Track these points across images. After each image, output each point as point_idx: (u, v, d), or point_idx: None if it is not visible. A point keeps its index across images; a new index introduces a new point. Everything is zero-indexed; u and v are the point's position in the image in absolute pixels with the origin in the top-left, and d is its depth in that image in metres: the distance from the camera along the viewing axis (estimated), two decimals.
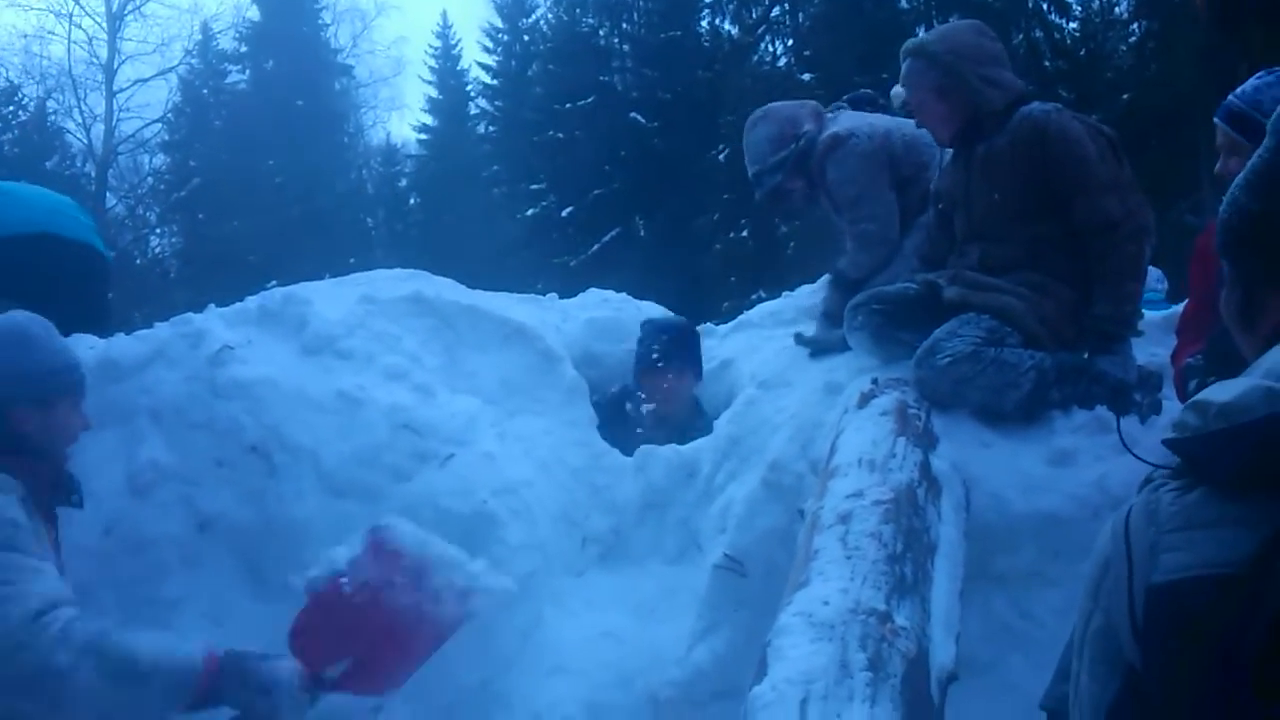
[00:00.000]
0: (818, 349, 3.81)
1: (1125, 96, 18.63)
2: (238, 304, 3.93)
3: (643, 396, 4.29)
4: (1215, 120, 2.82)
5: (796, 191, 4.23)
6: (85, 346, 3.55)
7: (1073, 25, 21.64)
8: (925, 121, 3.69)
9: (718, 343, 4.64)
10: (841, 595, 2.12)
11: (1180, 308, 3.36)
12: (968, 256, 3.53)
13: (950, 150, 3.70)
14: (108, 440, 3.32)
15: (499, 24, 30.10)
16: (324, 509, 3.28)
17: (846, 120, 4.19)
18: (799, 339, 3.91)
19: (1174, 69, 16.80)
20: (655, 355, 4.26)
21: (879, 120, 4.20)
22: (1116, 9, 22.32)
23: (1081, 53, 20.97)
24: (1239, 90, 2.80)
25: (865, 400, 3.12)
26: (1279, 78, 2.77)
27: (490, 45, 30.14)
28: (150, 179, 28.14)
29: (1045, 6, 21.24)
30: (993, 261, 3.47)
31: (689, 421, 4.21)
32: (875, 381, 3.25)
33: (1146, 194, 3.53)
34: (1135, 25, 21.73)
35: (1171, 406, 3.11)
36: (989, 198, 3.49)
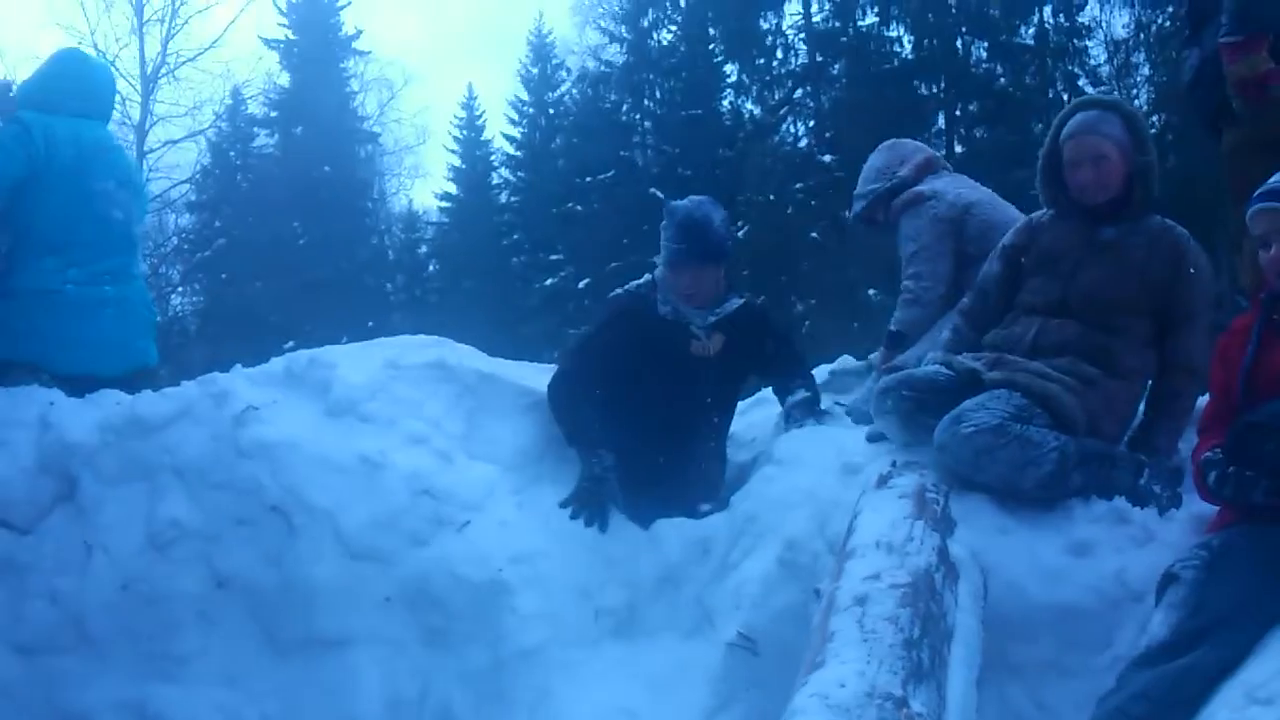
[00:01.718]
0: (857, 419, 3.88)
1: None
2: (263, 365, 3.97)
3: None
4: (1267, 205, 2.80)
5: (878, 224, 4.53)
6: (112, 402, 3.59)
7: None
8: (1097, 175, 3.51)
9: (735, 419, 4.64)
10: (858, 679, 2.11)
11: (1203, 402, 3.36)
12: (1018, 329, 3.52)
13: (1048, 213, 3.67)
14: (130, 496, 3.36)
15: (525, 97, 30.56)
16: (341, 571, 3.30)
17: (941, 182, 4.39)
18: (852, 415, 3.96)
19: (1193, 163, 16.91)
20: (678, 247, 4.13)
21: (971, 193, 4.32)
22: (1136, 101, 22.56)
23: None
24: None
25: (883, 482, 3.11)
26: None
27: (515, 117, 30.58)
28: (175, 238, 28.41)
29: (1066, 98, 21.46)
30: (1047, 342, 3.46)
31: (720, 300, 4.18)
32: (894, 463, 3.25)
33: None
34: (1155, 118, 21.95)
35: (1191, 500, 3.10)
36: (1108, 281, 3.46)
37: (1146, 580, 2.80)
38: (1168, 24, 21.26)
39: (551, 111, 30.28)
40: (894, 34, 23.61)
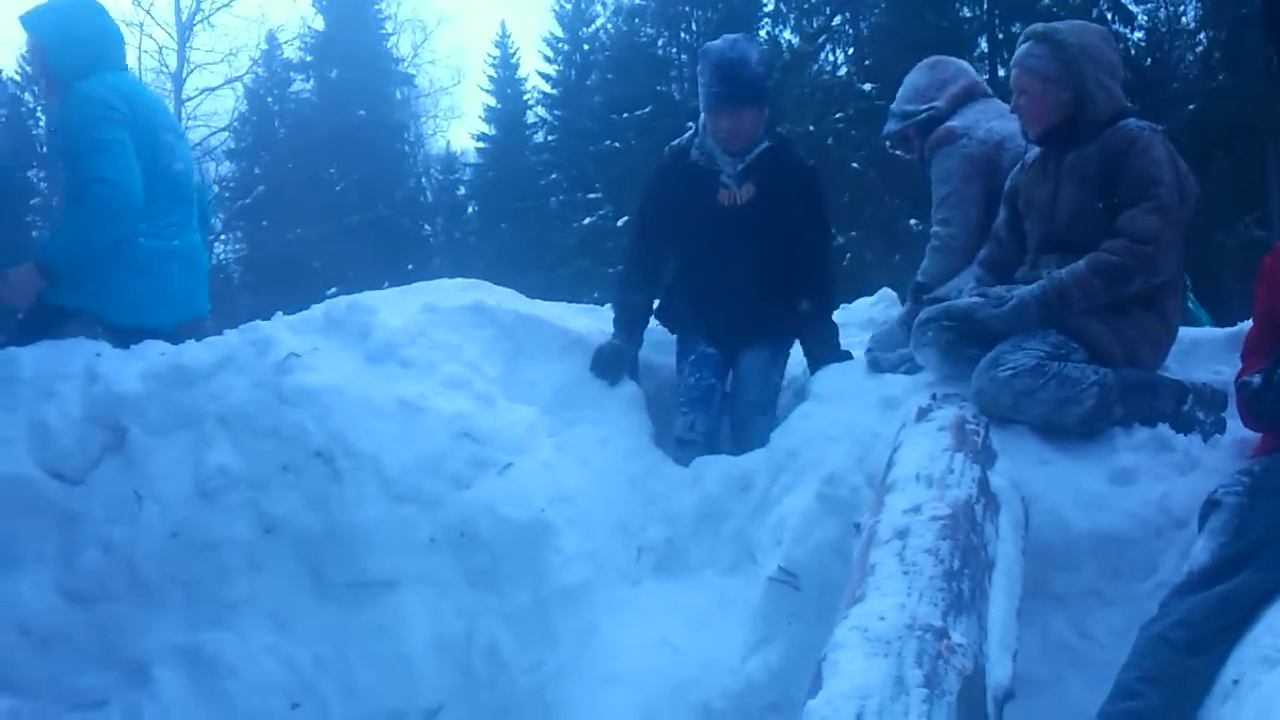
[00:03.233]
0: (877, 367, 3.81)
1: (1191, 107, 18.32)
2: (304, 312, 4.01)
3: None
4: None
5: (912, 148, 4.43)
6: (156, 352, 3.64)
7: (1138, 35, 21.37)
8: (1024, 109, 3.55)
9: None
10: (898, 611, 2.12)
11: (1245, 327, 3.31)
12: (1041, 268, 3.46)
13: (1034, 149, 3.64)
14: (177, 445, 3.41)
15: (559, 33, 30.30)
16: (386, 514, 3.35)
17: (974, 115, 4.26)
18: (873, 365, 3.86)
19: (1241, 79, 16.50)
20: (714, 90, 4.03)
21: (1003, 126, 4.18)
22: (1183, 19, 22.01)
23: (1147, 62, 20.69)
24: None
25: (923, 415, 3.10)
26: None
27: (550, 55, 30.36)
28: (216, 186, 28.61)
29: (1110, 16, 20.96)
30: None
31: (757, 141, 4.11)
32: (934, 396, 3.24)
33: (1213, 205, 3.47)
34: (1202, 35, 21.39)
35: (1235, 426, 3.07)
36: (1075, 206, 3.43)
37: (1189, 507, 2.79)
38: None
39: (586, 47, 30.01)
40: None
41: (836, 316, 4.37)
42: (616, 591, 3.48)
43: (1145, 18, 22.05)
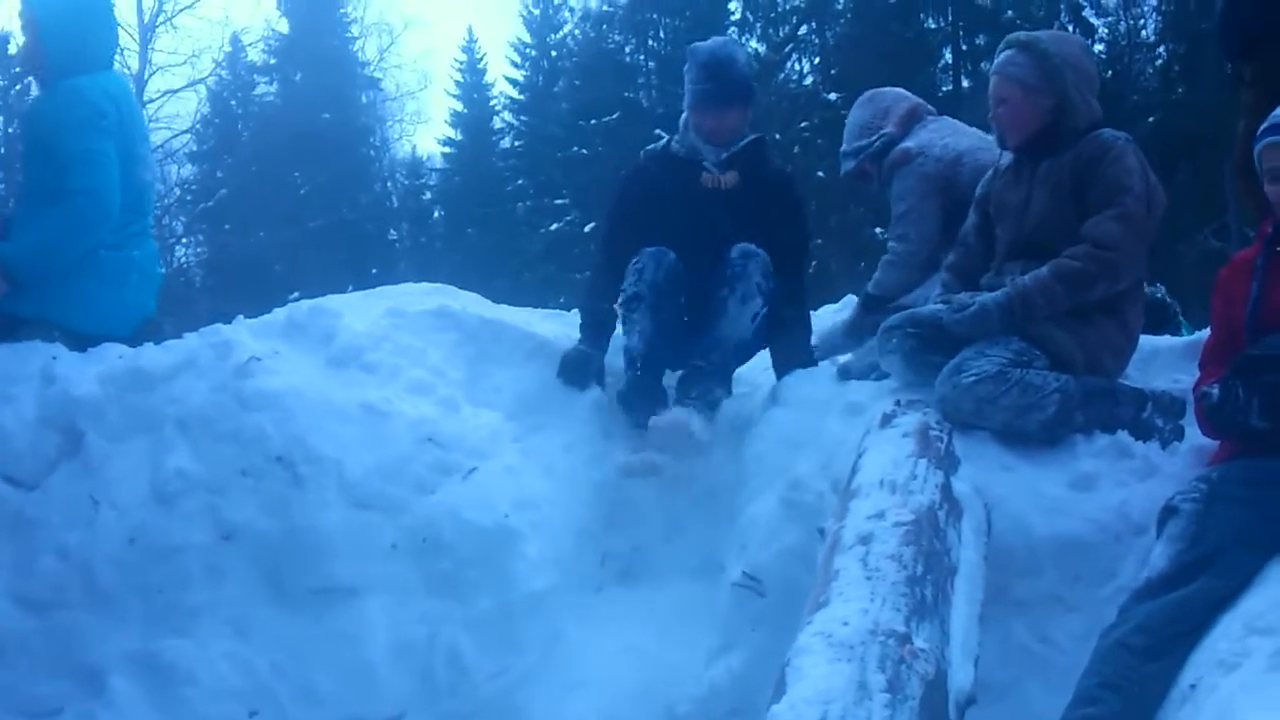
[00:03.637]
0: (847, 376, 3.80)
1: (1151, 119, 18.60)
2: (266, 315, 3.98)
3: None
4: (1272, 139, 2.77)
5: (871, 179, 4.50)
6: (114, 355, 3.60)
7: (1100, 47, 21.63)
8: (1005, 116, 3.57)
9: None
10: (861, 616, 2.12)
11: (1203, 335, 3.35)
12: (1007, 274, 3.48)
13: (1007, 156, 3.67)
14: (135, 449, 3.37)
15: (527, 39, 30.32)
16: (347, 520, 3.32)
17: (928, 134, 4.34)
18: (841, 373, 3.81)
19: (1199, 93, 16.77)
20: (701, 88, 4.08)
21: (958, 141, 4.27)
22: (1143, 32, 22.32)
23: (1108, 75, 20.92)
24: None
25: (887, 421, 3.11)
26: None
27: (518, 60, 30.38)
28: (178, 189, 28.34)
29: (1071, 28, 21.20)
30: None
31: (741, 137, 4.14)
32: (898, 402, 3.25)
33: (1172, 217, 3.52)
34: (1161, 48, 21.71)
35: (1193, 433, 3.10)
36: (1046, 212, 3.46)
37: (1148, 513, 2.81)
38: None
39: (554, 53, 30.05)
40: None
41: None
42: (581, 598, 3.48)
43: (1106, 30, 22.41)
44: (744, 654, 3.06)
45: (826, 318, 4.90)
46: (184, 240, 28.73)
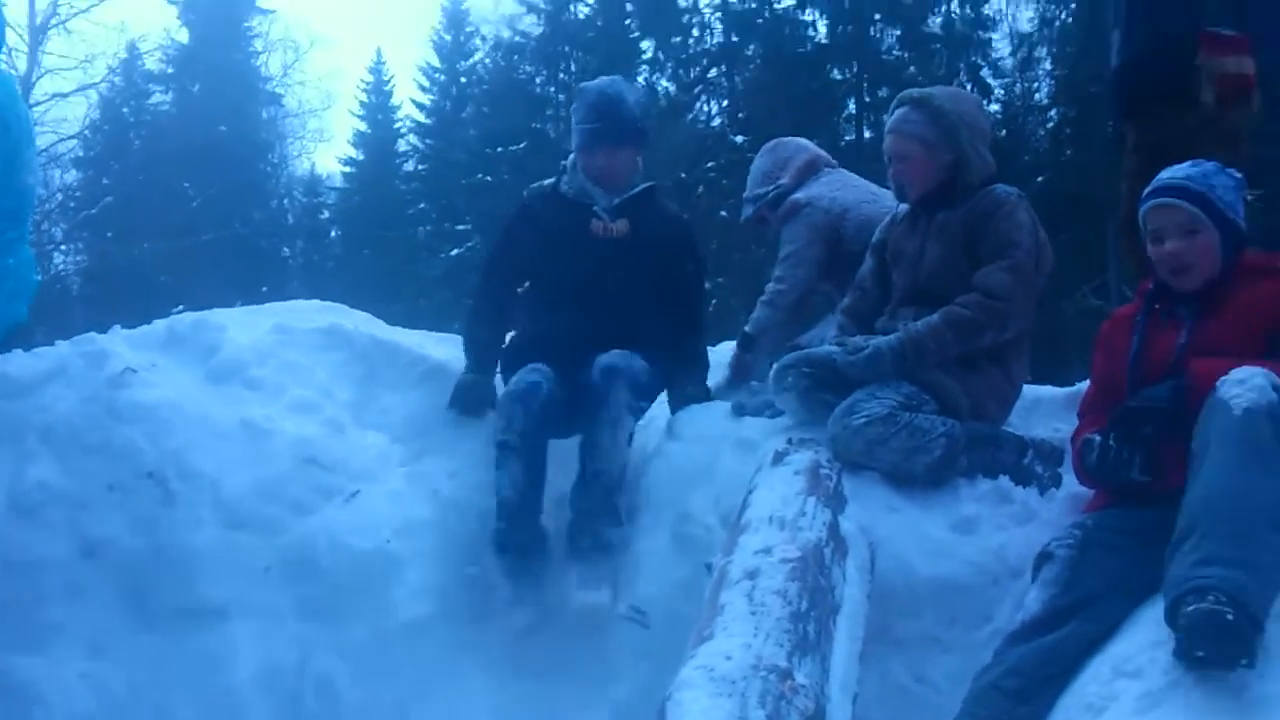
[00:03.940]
0: (741, 413, 3.81)
1: (1040, 179, 19.20)
2: (145, 326, 3.84)
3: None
4: (1164, 201, 2.86)
5: (768, 225, 4.61)
6: None
7: (995, 107, 22.28)
8: (904, 173, 3.64)
9: None
10: (744, 650, 2.11)
11: (1082, 387, 3.45)
12: (900, 319, 3.54)
13: (904, 206, 3.74)
14: None
15: (437, 64, 30.15)
16: (220, 540, 3.21)
17: (819, 187, 4.48)
18: (736, 410, 3.79)
19: (1087, 155, 17.38)
20: (588, 127, 3.96)
21: (845, 195, 4.42)
22: (1036, 95, 23.08)
23: (1002, 134, 21.60)
24: (1182, 175, 2.86)
25: (779, 458, 3.13)
26: (1217, 167, 2.88)
27: (426, 84, 30.16)
28: (59, 195, 27.46)
29: (970, 88, 21.85)
30: None
31: (631, 182, 4.04)
32: (790, 440, 3.27)
33: (1055, 274, 3.63)
34: (1053, 111, 22.47)
35: (1069, 481, 3.18)
36: (939, 262, 3.54)
37: (1025, 557, 2.86)
38: (1070, 20, 21.80)
39: (464, 80, 29.92)
40: (809, 18, 23.97)
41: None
42: (461, 629, 3.40)
43: (1002, 91, 23.10)
44: (628, 686, 3.05)
45: (725, 353, 4.93)
46: (63, 247, 27.78)
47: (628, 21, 26.04)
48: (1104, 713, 2.24)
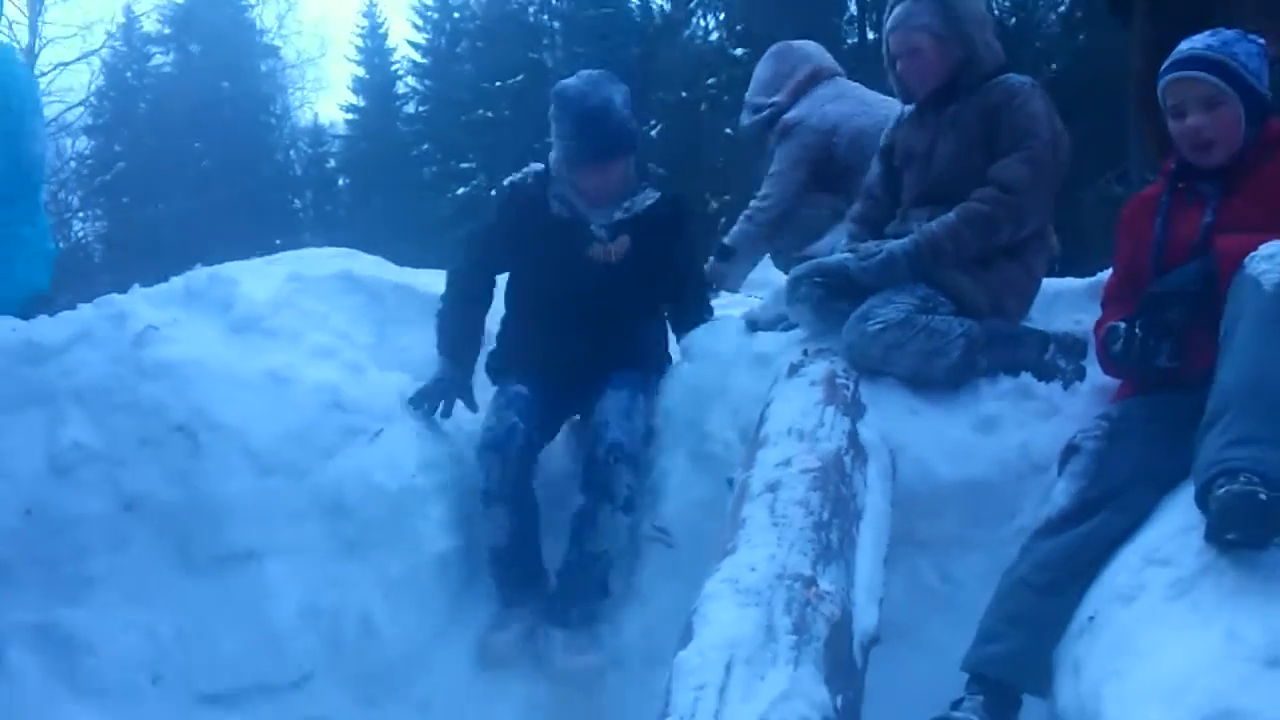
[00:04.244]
0: (754, 327, 3.79)
1: (1053, 66, 18.84)
2: (162, 284, 3.87)
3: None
4: (1184, 74, 2.75)
5: (763, 141, 4.67)
6: (7, 328, 3.49)
7: None
8: (912, 69, 3.55)
9: None
10: (768, 561, 2.15)
11: (1104, 277, 3.41)
12: (913, 221, 3.49)
13: (909, 107, 3.69)
14: (28, 421, 3.26)
15: (429, 1, 29.77)
16: (251, 486, 3.25)
17: (809, 103, 4.54)
18: (749, 325, 3.74)
19: (1101, 39, 17.01)
20: (575, 144, 3.59)
21: (838, 108, 4.47)
22: None
23: (1011, 21, 21.18)
24: (1201, 45, 2.75)
25: (795, 370, 3.14)
26: (1238, 34, 2.76)
27: (419, 23, 29.80)
28: (73, 163, 27.47)
29: None
30: None
31: (629, 194, 3.70)
32: (805, 351, 3.27)
33: (1074, 163, 3.57)
34: None
35: (1094, 373, 3.16)
36: (952, 158, 3.47)
37: (1049, 453, 2.87)
38: None
39: (456, 15, 29.54)
40: None
41: None
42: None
43: None
44: (655, 605, 3.09)
45: None
46: (81, 215, 27.88)
47: None
48: (1134, 601, 2.25)
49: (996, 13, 21.13)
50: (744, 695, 1.76)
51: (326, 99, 60.15)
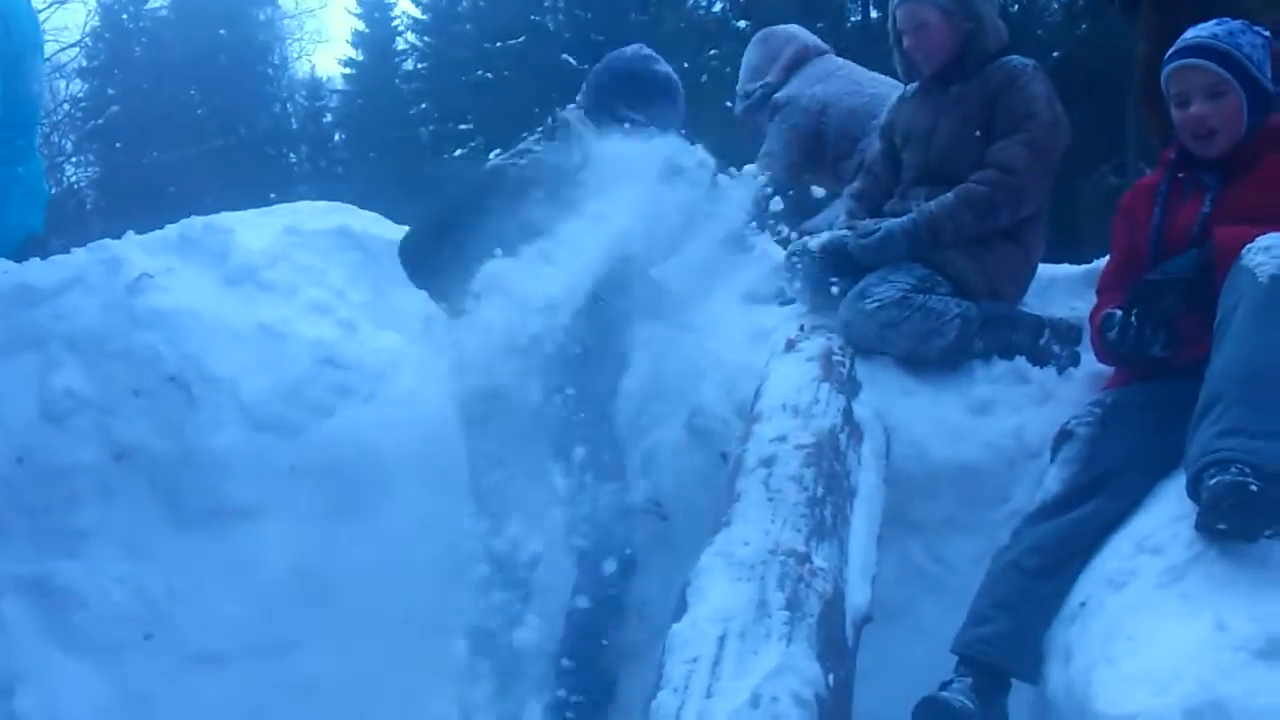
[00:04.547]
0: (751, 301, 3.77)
1: (1055, 54, 18.76)
2: (157, 231, 3.84)
3: None
4: (1188, 62, 2.75)
5: (758, 122, 4.65)
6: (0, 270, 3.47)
7: None
8: (919, 44, 3.54)
9: None
10: (762, 536, 2.15)
11: (1100, 264, 3.41)
12: (912, 200, 3.49)
13: (912, 86, 3.68)
14: (21, 366, 3.26)
15: None
16: (243, 441, 3.26)
17: (799, 83, 4.52)
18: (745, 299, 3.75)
19: (1103, 29, 16.96)
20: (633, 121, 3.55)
21: (827, 89, 4.43)
22: None
23: (1014, 9, 21.09)
24: (1206, 34, 2.74)
25: (791, 346, 3.13)
26: (1244, 25, 2.76)
27: None
28: (66, 105, 27.21)
29: None
30: None
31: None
32: (802, 327, 3.27)
33: (1073, 151, 3.56)
34: None
35: (1088, 359, 3.17)
36: (953, 138, 3.46)
37: (1043, 437, 2.87)
38: None
39: None
40: None
41: None
42: None
43: None
44: (648, 577, 3.09)
45: None
46: (74, 159, 27.63)
47: None
48: (1125, 587, 2.26)
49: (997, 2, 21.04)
50: (737, 669, 1.77)
51: (325, 52, 59.73)
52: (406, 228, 3.96)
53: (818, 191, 4.31)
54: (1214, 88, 2.73)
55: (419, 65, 29.78)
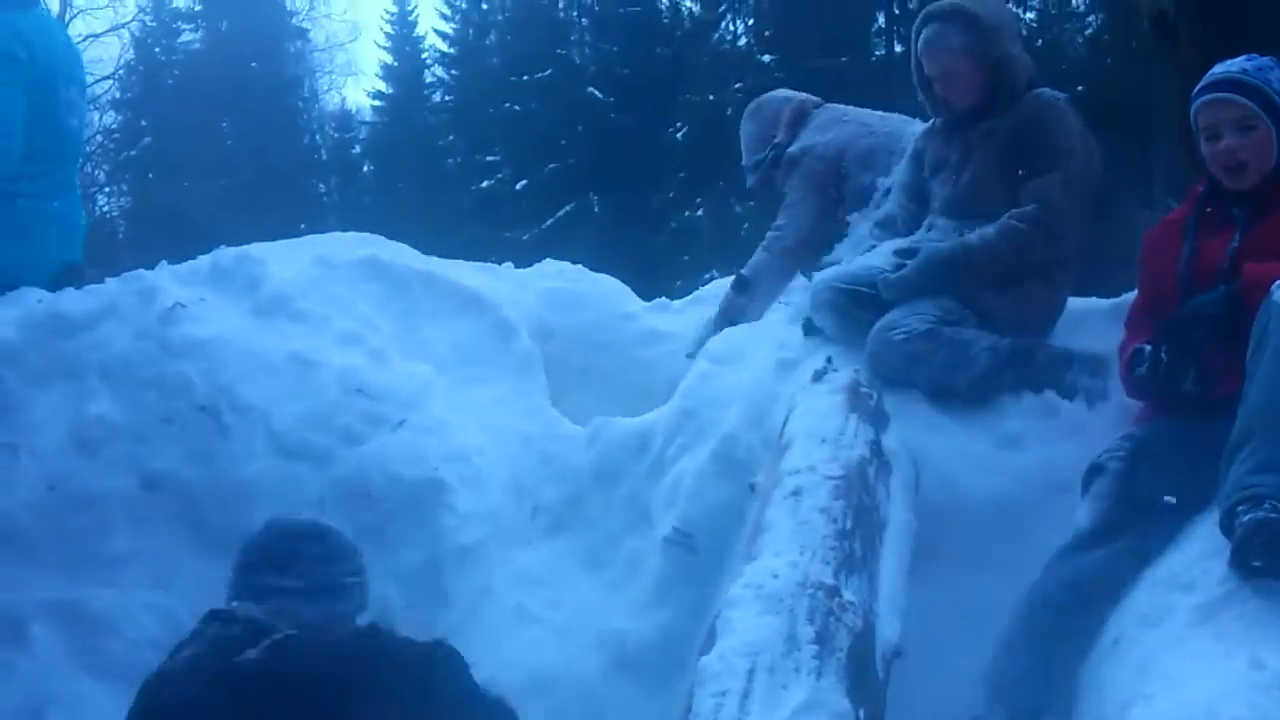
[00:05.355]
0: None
1: (1079, 89, 18.76)
2: (190, 262, 3.88)
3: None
4: (1218, 96, 2.76)
5: (775, 183, 4.58)
6: (33, 300, 3.50)
7: (1030, 15, 21.76)
8: (950, 88, 3.55)
9: (673, 317, 4.65)
10: (791, 569, 2.14)
11: (1128, 299, 3.39)
12: (937, 231, 3.49)
13: (938, 120, 3.68)
14: (54, 395, 3.28)
15: None
16: (274, 470, 3.27)
17: (809, 135, 4.49)
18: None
19: (1128, 63, 16.95)
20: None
21: (840, 134, 4.42)
22: (1073, 1, 22.50)
23: (1038, 43, 21.10)
24: (1237, 69, 2.76)
25: (819, 377, 3.13)
26: (1273, 61, 2.77)
27: (448, 13, 29.80)
28: (99, 136, 27.58)
29: None
30: None
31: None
32: (829, 359, 3.26)
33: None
34: (1091, 18, 21.91)
35: (1118, 393, 3.14)
36: (982, 172, 3.46)
37: (1074, 472, 2.84)
38: None
39: (485, 6, 29.56)
40: None
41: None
42: (512, 551, 3.46)
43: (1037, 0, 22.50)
44: (675, 608, 3.08)
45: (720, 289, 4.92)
46: (106, 189, 28.00)
47: None
48: (1158, 625, 2.24)
49: (1025, 33, 21.07)
50: (766, 703, 1.76)
51: (354, 84, 60.29)
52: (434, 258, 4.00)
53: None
54: (1244, 121, 2.73)
55: (446, 98, 30.06)
